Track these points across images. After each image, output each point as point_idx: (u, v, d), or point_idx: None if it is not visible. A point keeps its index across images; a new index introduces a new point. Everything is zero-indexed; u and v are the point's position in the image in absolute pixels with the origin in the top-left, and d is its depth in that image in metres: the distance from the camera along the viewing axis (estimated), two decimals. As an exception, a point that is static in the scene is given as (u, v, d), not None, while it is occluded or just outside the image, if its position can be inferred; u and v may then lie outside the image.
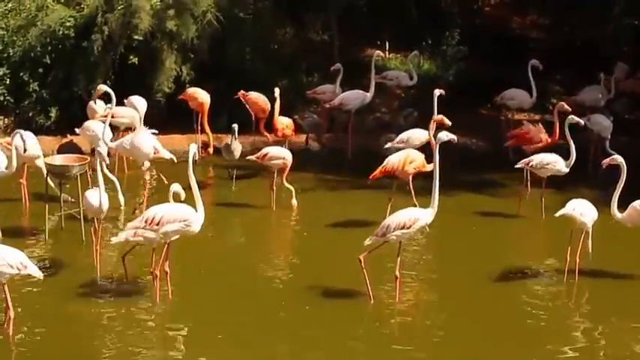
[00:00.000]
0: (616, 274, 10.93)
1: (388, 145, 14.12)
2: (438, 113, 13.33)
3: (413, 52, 17.65)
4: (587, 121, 15.12)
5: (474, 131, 16.63)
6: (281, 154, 13.37)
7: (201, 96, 15.59)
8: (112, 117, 14.70)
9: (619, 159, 11.00)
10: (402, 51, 19.56)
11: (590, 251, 10.67)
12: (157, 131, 13.16)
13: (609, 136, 14.62)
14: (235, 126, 14.18)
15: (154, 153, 12.69)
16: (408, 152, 12.54)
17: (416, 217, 9.90)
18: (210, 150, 15.27)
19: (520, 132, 14.11)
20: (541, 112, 17.82)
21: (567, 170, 12.47)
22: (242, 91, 15.81)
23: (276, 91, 14.66)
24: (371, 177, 12.51)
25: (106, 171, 11.02)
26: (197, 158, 11.53)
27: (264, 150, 13.58)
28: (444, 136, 10.08)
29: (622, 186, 10.78)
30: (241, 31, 17.05)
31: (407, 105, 17.50)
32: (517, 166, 12.87)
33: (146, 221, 9.79)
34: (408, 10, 19.53)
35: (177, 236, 9.97)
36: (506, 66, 17.62)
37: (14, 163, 11.43)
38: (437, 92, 13.94)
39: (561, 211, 10.59)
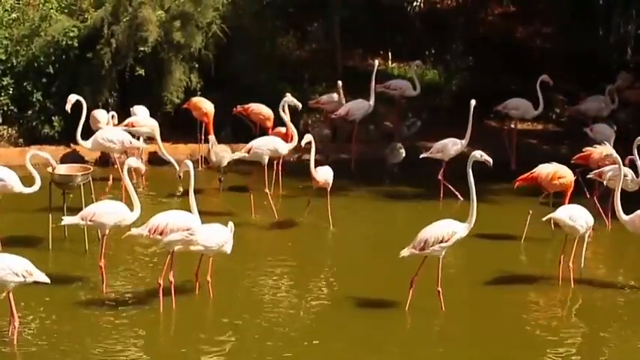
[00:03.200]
0: (612, 283, 11.00)
1: (424, 155, 14.12)
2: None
3: (415, 62, 17.66)
4: (590, 131, 15.18)
5: (477, 141, 16.56)
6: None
7: (205, 106, 15.62)
8: (132, 126, 14.84)
9: (614, 154, 11.06)
10: (405, 60, 19.59)
11: (583, 258, 10.70)
12: None
13: (611, 145, 14.60)
14: (211, 137, 14.11)
15: None
16: (559, 167, 12.33)
17: (454, 230, 9.83)
18: None
19: (585, 155, 13.76)
20: (544, 121, 17.84)
21: (636, 187, 12.40)
22: (239, 106, 15.79)
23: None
24: (517, 182, 12.38)
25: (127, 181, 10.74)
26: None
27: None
28: (478, 155, 10.06)
29: (621, 185, 10.82)
30: (245, 42, 17.09)
31: (410, 113, 17.51)
32: (589, 176, 12.94)
33: (149, 230, 9.78)
34: (412, 20, 19.58)
35: (214, 248, 9.99)
36: (510, 76, 17.66)
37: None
38: (473, 103, 13.91)
39: (550, 214, 10.63)
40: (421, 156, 14.24)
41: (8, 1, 17.05)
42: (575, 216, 10.65)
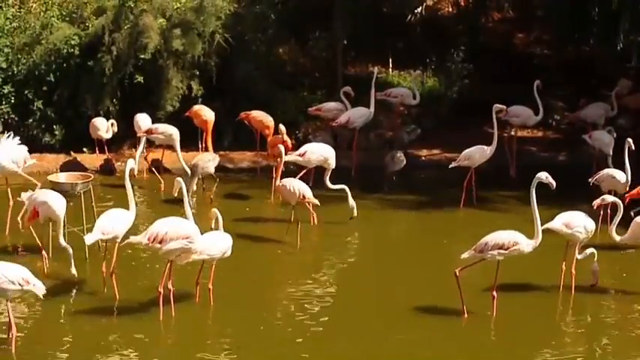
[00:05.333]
0: (613, 290, 11.05)
1: (453, 164, 14.14)
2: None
3: (416, 72, 17.72)
4: (589, 138, 15.21)
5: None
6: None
7: (205, 114, 15.65)
8: (152, 133, 14.88)
9: (608, 199, 11.06)
10: (406, 68, 19.61)
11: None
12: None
13: (611, 153, 14.65)
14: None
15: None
16: None
17: (516, 240, 9.90)
18: None
19: None
20: (543, 128, 17.84)
21: (625, 189, 12.64)
22: (243, 113, 15.86)
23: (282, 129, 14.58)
24: (627, 197, 12.21)
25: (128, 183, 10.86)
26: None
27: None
28: (543, 177, 10.07)
29: (620, 218, 10.92)
30: (247, 50, 17.13)
31: (410, 121, 17.52)
32: (590, 180, 13.03)
33: (149, 238, 9.77)
34: (412, 28, 19.61)
35: (217, 256, 10.05)
36: (510, 83, 17.65)
37: None
38: (496, 107, 14.00)
39: (547, 224, 10.66)
40: (450, 166, 14.24)
41: (9, 10, 17.09)
42: (572, 223, 10.68)
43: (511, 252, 9.90)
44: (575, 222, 10.69)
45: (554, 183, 10.08)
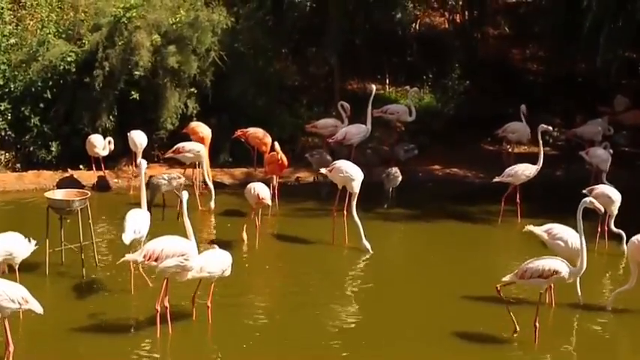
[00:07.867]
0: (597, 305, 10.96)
1: (496, 179, 14.15)
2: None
3: (413, 89, 17.75)
4: (586, 155, 15.24)
5: (475, 164, 16.69)
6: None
7: (202, 130, 15.63)
8: (179, 152, 14.84)
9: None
10: (402, 84, 19.66)
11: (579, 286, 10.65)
12: None
13: (607, 169, 14.66)
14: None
15: None
16: None
17: (556, 268, 9.61)
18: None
19: None
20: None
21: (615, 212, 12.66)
22: (240, 130, 15.86)
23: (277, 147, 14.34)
24: None
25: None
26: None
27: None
28: (588, 201, 9.96)
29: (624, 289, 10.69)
30: (243, 67, 17.13)
31: (407, 137, 17.54)
32: (584, 191, 12.96)
33: (144, 256, 9.75)
34: (409, 44, 19.67)
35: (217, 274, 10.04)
36: (507, 99, 17.67)
37: None
38: (542, 127, 14.07)
39: (532, 227, 10.68)
40: (493, 180, 14.25)
41: (6, 27, 17.11)
42: (555, 233, 10.66)
43: (550, 281, 9.69)
44: (560, 234, 10.68)
45: (601, 208, 10.03)
